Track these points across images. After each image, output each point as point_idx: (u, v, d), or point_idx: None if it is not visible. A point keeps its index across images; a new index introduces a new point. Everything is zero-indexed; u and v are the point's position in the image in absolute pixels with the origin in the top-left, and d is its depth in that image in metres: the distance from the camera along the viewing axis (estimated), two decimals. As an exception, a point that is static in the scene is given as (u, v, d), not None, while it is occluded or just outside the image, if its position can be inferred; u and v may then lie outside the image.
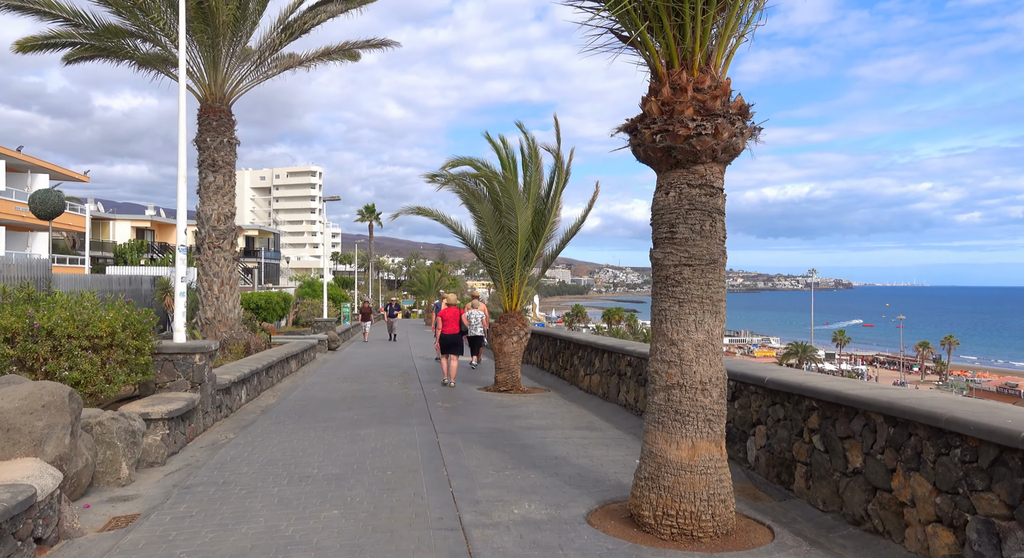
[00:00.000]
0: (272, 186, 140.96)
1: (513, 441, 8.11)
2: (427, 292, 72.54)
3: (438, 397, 11.90)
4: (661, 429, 5.08)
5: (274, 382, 13.82)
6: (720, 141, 4.99)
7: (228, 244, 15.99)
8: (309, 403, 11.26)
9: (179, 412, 7.58)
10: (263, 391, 12.69)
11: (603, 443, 8.06)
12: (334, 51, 17.05)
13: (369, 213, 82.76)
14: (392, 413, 10.13)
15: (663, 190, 5.22)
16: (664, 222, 5.18)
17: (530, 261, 13.13)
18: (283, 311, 30.74)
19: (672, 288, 5.11)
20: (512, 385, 12.85)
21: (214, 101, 15.71)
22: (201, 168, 15.83)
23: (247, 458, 7.21)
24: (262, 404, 11.24)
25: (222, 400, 9.79)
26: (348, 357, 21.21)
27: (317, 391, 12.84)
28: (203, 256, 15.86)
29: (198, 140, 15.79)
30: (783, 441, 5.98)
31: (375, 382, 14.27)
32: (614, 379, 10.81)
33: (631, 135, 5.36)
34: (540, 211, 13.03)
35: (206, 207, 15.83)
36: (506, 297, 13.22)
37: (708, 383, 5.02)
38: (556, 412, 10.34)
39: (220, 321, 15.74)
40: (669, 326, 5.10)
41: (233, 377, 10.24)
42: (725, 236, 5.19)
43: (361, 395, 12.19)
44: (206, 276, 15.80)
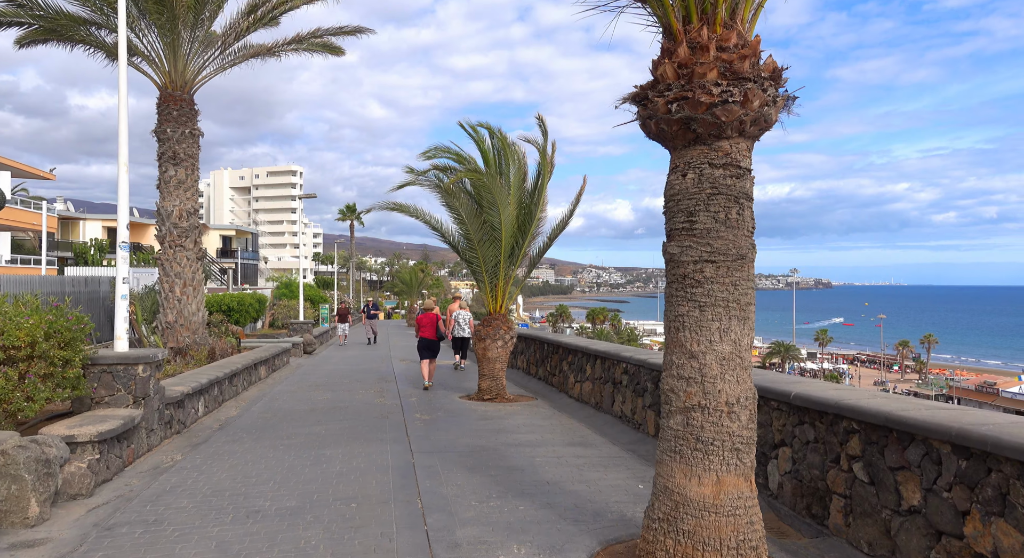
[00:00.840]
0: (252, 186, 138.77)
1: (498, 462, 7.19)
2: (409, 293, 71.40)
3: (416, 407, 10.95)
4: (679, 460, 4.20)
5: (239, 391, 12.78)
6: (749, 111, 4.12)
7: (191, 243, 14.90)
8: (274, 416, 10.26)
9: (114, 432, 6.57)
10: (225, 401, 11.65)
11: (600, 463, 7.17)
12: (305, 38, 16.02)
13: (350, 212, 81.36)
14: (364, 428, 9.17)
15: (679, 172, 4.34)
16: (680, 210, 4.30)
17: (515, 259, 12.22)
18: (257, 313, 29.55)
19: (691, 289, 4.23)
20: (497, 393, 11.93)
21: (175, 89, 14.62)
22: (161, 161, 14.74)
23: (190, 487, 6.22)
24: (222, 417, 10.22)
25: (173, 415, 8.77)
26: (324, 362, 20.17)
27: (285, 401, 11.82)
28: (164, 255, 14.77)
29: (157, 131, 14.69)
30: (814, 468, 5.12)
31: (349, 390, 13.28)
32: (608, 388, 9.93)
33: (640, 106, 4.47)
34: (526, 206, 12.13)
35: (167, 203, 14.73)
36: (490, 298, 12.31)
37: (736, 404, 4.15)
38: (545, 425, 9.44)
39: (183, 325, 14.65)
40: (688, 335, 4.22)
41: (187, 388, 9.22)
42: (754, 227, 4.32)
43: (332, 406, 11.21)
44: (167, 277, 14.71)
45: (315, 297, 40.82)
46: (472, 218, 11.55)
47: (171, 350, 14.47)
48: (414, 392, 12.91)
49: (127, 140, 7.96)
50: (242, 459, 7.30)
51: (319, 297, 41.80)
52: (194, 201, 14.99)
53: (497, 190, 11.30)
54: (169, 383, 9.40)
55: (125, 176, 7.96)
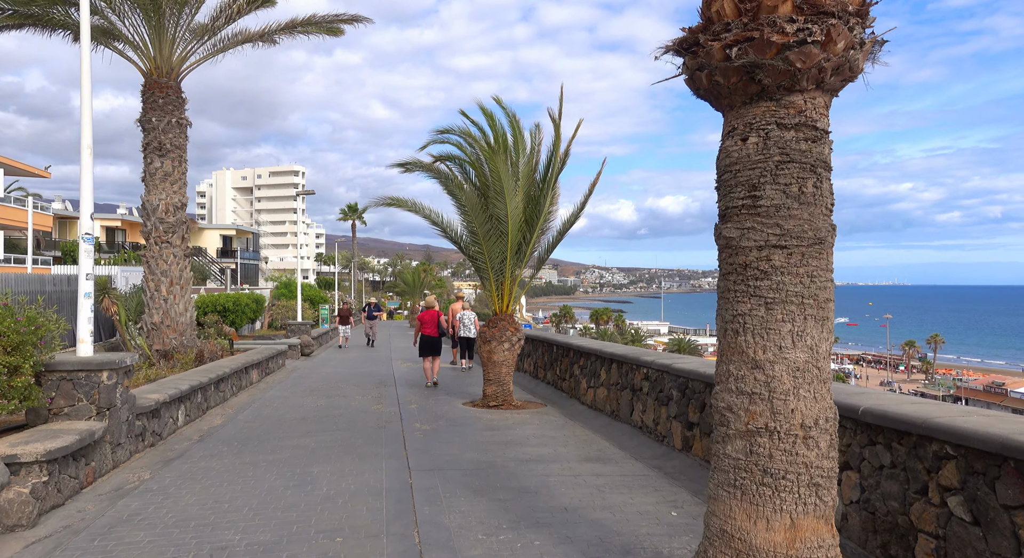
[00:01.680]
0: (254, 186, 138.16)
1: (507, 482, 6.33)
2: (412, 293, 70.56)
3: (416, 416, 10.09)
4: (741, 497, 3.33)
5: (227, 397, 11.94)
6: (831, 54, 3.25)
7: (178, 239, 14.07)
8: (261, 425, 9.40)
9: (67, 450, 5.73)
10: (211, 409, 10.81)
11: (623, 484, 6.31)
12: (300, 24, 15.17)
13: (352, 212, 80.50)
14: (359, 439, 8.31)
15: (737, 135, 3.47)
16: (740, 183, 3.43)
17: (523, 256, 11.36)
18: (255, 314, 28.71)
19: (755, 282, 3.36)
20: (503, 399, 11.07)
21: (160, 76, 13.79)
22: (146, 152, 13.91)
23: (151, 515, 5.37)
24: (204, 427, 9.37)
25: (146, 426, 7.92)
26: (321, 364, 19.32)
27: (275, 408, 10.97)
28: (149, 253, 13.94)
29: (142, 120, 13.87)
30: (892, 498, 4.25)
31: (345, 395, 12.42)
32: (626, 395, 9.06)
33: (687, 55, 3.61)
34: (534, 197, 11.26)
35: (152, 196, 13.90)
36: (496, 298, 11.44)
37: (813, 427, 3.28)
38: (557, 436, 8.56)
39: (169, 326, 13.82)
40: (750, 340, 3.35)
41: (163, 396, 8.37)
42: (833, 203, 3.45)
43: (326, 414, 10.35)
44: (152, 275, 13.88)
45: (315, 297, 40.00)
46: (476, 210, 10.69)
47: (157, 353, 13.64)
48: (414, 398, 12.06)
49: (91, 119, 7.11)
50: (217, 479, 6.45)
51: (319, 297, 40.97)
52: (181, 195, 14.16)
53: (504, 175, 10.42)
54: (143, 391, 8.56)
55: (89, 160, 7.11)
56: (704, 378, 6.80)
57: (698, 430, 6.96)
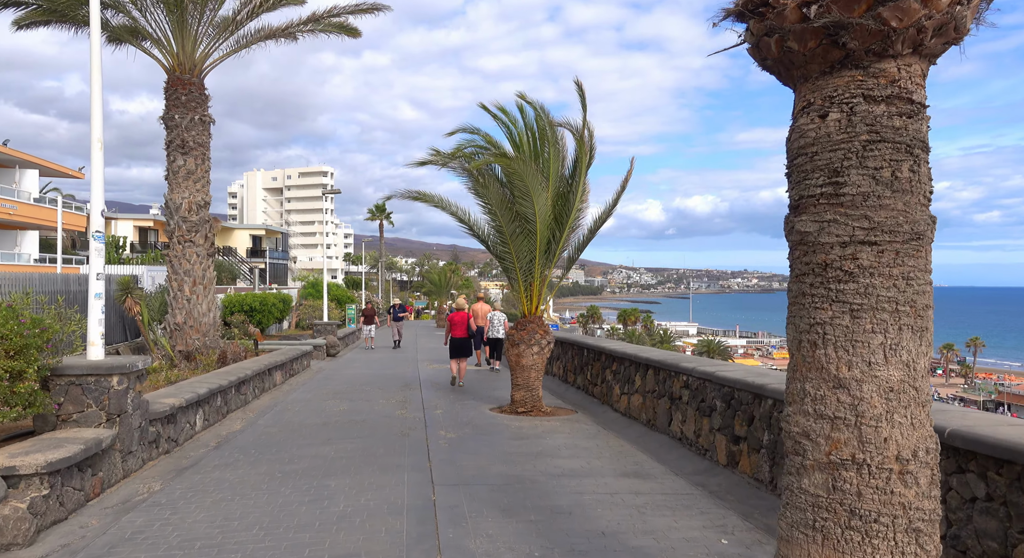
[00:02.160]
0: (284, 187, 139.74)
1: (539, 499, 5.84)
2: (439, 293, 70.46)
3: (441, 422, 9.65)
4: (822, 542, 2.79)
5: (248, 400, 11.65)
6: (933, 11, 2.70)
7: (201, 238, 13.85)
8: (280, 431, 9.05)
9: (71, 460, 5.39)
10: (231, 413, 10.51)
11: (664, 503, 5.77)
12: (322, 17, 14.85)
13: (380, 212, 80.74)
14: (381, 448, 7.89)
15: (814, 111, 2.93)
16: (818, 168, 2.90)
17: (551, 256, 10.85)
18: (282, 313, 28.66)
19: (838, 285, 2.82)
20: (532, 405, 10.58)
21: (183, 72, 13.58)
22: (169, 150, 13.72)
23: (155, 533, 4.99)
24: (223, 432, 9.05)
25: (160, 432, 7.60)
26: (346, 365, 19.04)
27: (296, 413, 10.63)
28: (172, 252, 13.74)
29: (165, 118, 13.68)
30: (989, 538, 3.67)
31: (369, 399, 12.05)
32: (663, 403, 8.50)
33: (753, 18, 3.08)
34: (563, 194, 10.75)
35: (175, 195, 13.70)
36: (524, 299, 10.95)
37: (911, 460, 2.74)
38: (590, 446, 8.05)
39: (192, 327, 13.61)
40: (832, 353, 2.82)
41: (179, 401, 8.05)
42: (932, 191, 2.90)
43: (348, 419, 9.98)
44: (175, 275, 13.68)
45: (342, 297, 39.97)
46: (503, 209, 10.22)
47: (179, 354, 13.43)
48: (440, 402, 11.63)
49: (101, 112, 6.80)
50: (229, 492, 6.07)
51: (346, 297, 40.94)
52: (205, 193, 13.95)
53: (530, 176, 9.94)
54: (159, 395, 8.26)
55: (99, 155, 6.79)
56: (752, 388, 6.24)
57: (745, 445, 6.40)
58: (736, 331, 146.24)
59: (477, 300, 17.34)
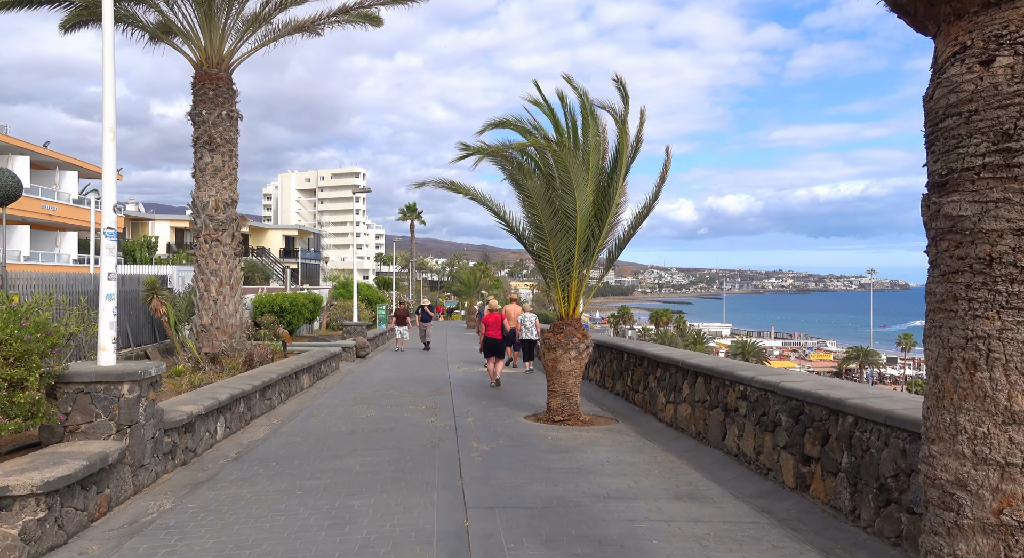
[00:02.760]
0: (317, 188, 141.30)
1: (584, 528, 5.18)
2: (469, 293, 70.21)
3: (473, 432, 9.05)
4: (990, 631, 2.09)
5: (274, 405, 11.21)
6: None
7: (228, 237, 13.49)
8: (304, 440, 8.55)
9: (72, 479, 4.91)
10: (255, 418, 10.06)
11: (729, 534, 5.07)
12: (351, 8, 14.39)
13: (411, 212, 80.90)
14: (408, 462, 7.32)
15: (972, 57, 2.23)
16: (978, 130, 2.19)
17: (591, 253, 10.18)
18: (312, 314, 28.44)
19: (1010, 286, 2.12)
20: (570, 414, 9.92)
21: (211, 67, 13.24)
22: (196, 146, 13.39)
23: (159, 563, 4.47)
24: (244, 441, 8.58)
25: (176, 442, 7.13)
26: (375, 368, 18.59)
27: (322, 419, 10.14)
28: (198, 251, 13.41)
29: (192, 113, 13.34)
30: None
31: (398, 405, 11.52)
32: (716, 415, 7.77)
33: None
34: (603, 189, 10.07)
35: (202, 193, 13.36)
36: (561, 300, 10.30)
37: (1118, 524, 2.02)
38: (637, 462, 7.36)
39: (218, 328, 13.25)
40: (1001, 378, 2.11)
41: (198, 408, 7.59)
42: None
43: (375, 427, 9.44)
44: (202, 275, 13.34)
45: (372, 297, 39.78)
46: (544, 203, 9.57)
47: (206, 356, 13.08)
48: (472, 408, 11.04)
49: (114, 99, 6.35)
50: (244, 513, 5.54)
51: (376, 297, 40.75)
52: (232, 191, 13.59)
53: (574, 167, 9.28)
54: (177, 401, 7.81)
55: (111, 145, 6.34)
56: (828, 403, 5.49)
57: (818, 466, 5.65)
58: (771, 332, 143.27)
59: (510, 301, 17.14)
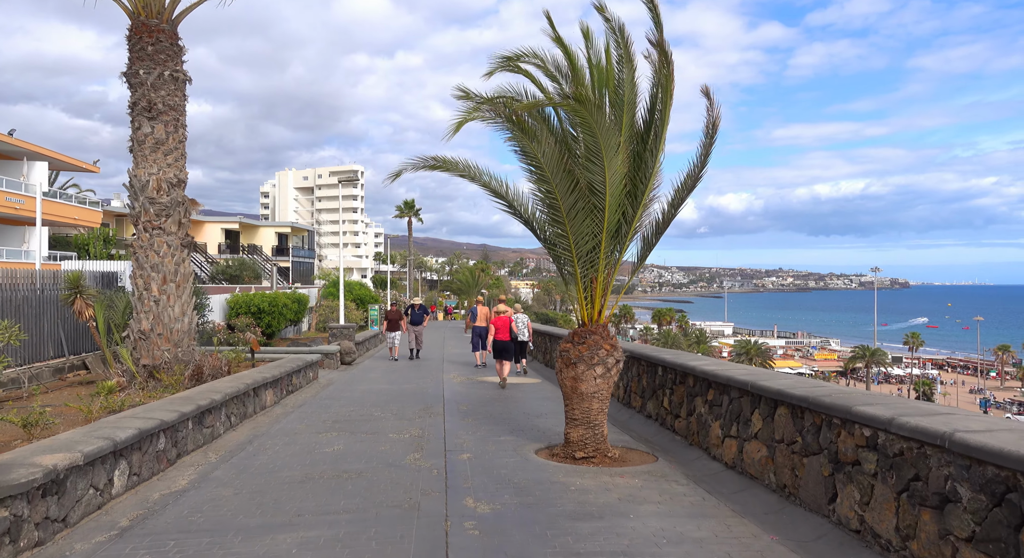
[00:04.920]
0: (315, 186, 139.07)
1: None
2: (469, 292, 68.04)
3: (470, 479, 6.71)
4: None
5: (218, 433, 8.87)
6: None
7: (174, 224, 11.16)
8: (237, 492, 6.22)
9: None
10: (186, 455, 7.73)
11: None
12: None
13: (408, 209, 78.64)
14: (371, 541, 4.98)
15: None
16: None
17: (623, 240, 7.85)
18: (296, 315, 26.12)
19: None
20: (595, 449, 7.60)
21: (150, 16, 10.89)
22: (133, 114, 11.04)
23: None
24: (154, 494, 6.25)
25: (26, 515, 4.79)
26: (360, 378, 16.24)
27: (274, 455, 7.81)
28: (136, 242, 11.07)
29: (127, 74, 10.99)
30: None
31: (376, 432, 9.20)
32: (817, 465, 5.42)
33: None
34: (638, 154, 7.74)
35: (140, 170, 11.02)
36: (582, 300, 7.96)
37: None
38: (706, 537, 5.03)
39: (161, 335, 10.91)
40: None
41: (71, 458, 5.25)
42: None
43: (339, 470, 7.11)
44: (141, 271, 11.00)
45: (365, 297, 37.44)
46: (560, 173, 7.24)
47: (144, 369, 10.75)
48: (468, 438, 8.72)
49: None
50: None
51: (370, 297, 38.41)
52: (178, 169, 11.25)
53: (603, 129, 6.95)
54: (42, 447, 5.47)
55: None
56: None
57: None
58: (774, 331, 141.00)
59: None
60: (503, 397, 12.71)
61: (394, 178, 7.87)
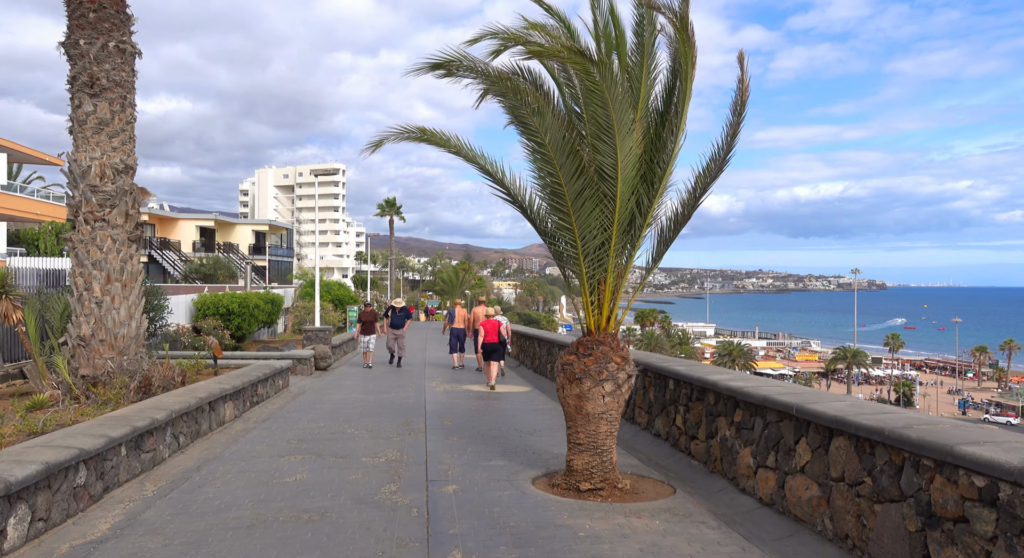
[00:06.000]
0: (296, 184, 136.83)
1: None
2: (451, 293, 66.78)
3: (456, 520, 5.54)
4: None
5: (162, 457, 7.60)
6: None
7: (120, 215, 9.85)
8: (167, 544, 4.99)
9: None
10: (115, 489, 6.47)
11: None
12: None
13: (390, 207, 77.11)
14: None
15: None
16: None
17: (636, 232, 6.72)
18: (270, 316, 24.73)
19: None
20: (603, 479, 6.47)
21: (91, -22, 9.58)
22: (73, 89, 9.73)
23: None
24: (61, 546, 4.99)
25: None
26: (335, 385, 14.97)
27: (222, 488, 6.57)
28: (75, 236, 9.75)
29: (66, 44, 9.67)
30: None
31: (347, 454, 7.98)
32: (897, 516, 4.32)
33: None
34: (655, 133, 6.62)
35: (81, 154, 9.70)
36: (589, 305, 6.81)
37: None
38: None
39: (103, 341, 9.60)
40: None
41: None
42: None
43: (297, 510, 5.89)
44: (81, 268, 9.68)
45: (344, 297, 36.05)
46: (565, 153, 6.09)
47: (83, 380, 9.43)
48: (454, 463, 7.53)
49: None
50: None
51: (348, 297, 37.02)
52: (125, 153, 9.94)
53: (616, 99, 5.82)
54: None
55: None
56: None
57: None
58: (755, 332, 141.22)
59: (478, 304, 18.33)
60: (491, 410, 11.55)
61: (374, 149, 6.70)
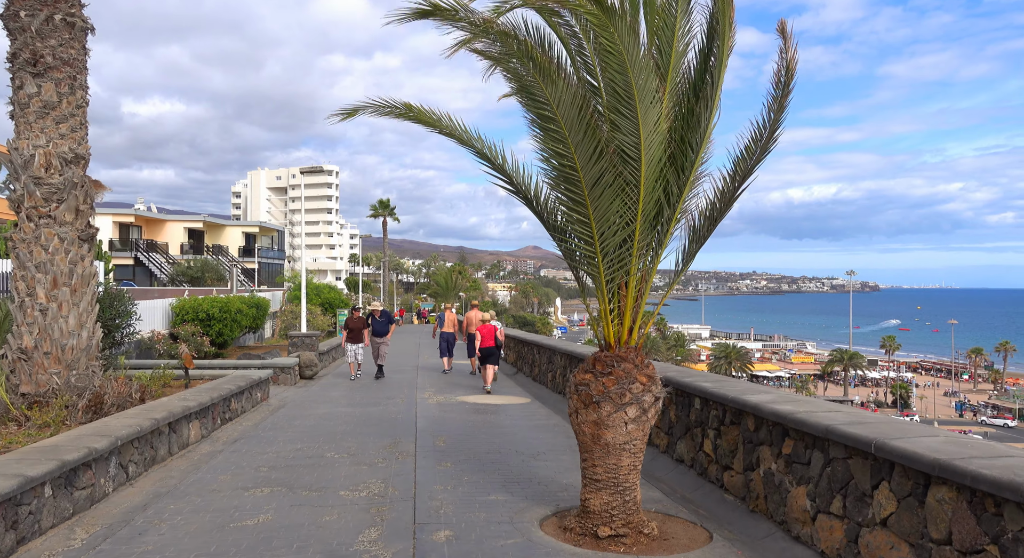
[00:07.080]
0: (288, 186, 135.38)
1: None
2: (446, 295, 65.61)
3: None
4: None
5: (103, 493, 6.45)
6: None
7: (69, 212, 8.70)
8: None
9: None
10: (45, 532, 5.33)
11: None
12: None
13: (383, 208, 75.95)
14: None
15: None
16: None
17: (665, 227, 5.63)
18: (255, 322, 23.54)
19: None
20: (625, 522, 5.37)
21: (33, -58, 8.44)
22: (14, 68, 8.58)
23: None
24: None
25: None
26: (319, 397, 13.80)
27: (166, 536, 5.43)
28: (18, 234, 8.59)
29: (5, 16, 8.53)
30: None
31: (323, 487, 6.86)
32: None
33: None
34: (688, 111, 5.53)
35: (23, 142, 8.55)
36: (607, 315, 5.71)
37: None
38: None
39: (50, 354, 8.45)
40: None
41: None
42: None
43: (254, 565, 4.77)
44: (23, 271, 8.53)
45: (334, 300, 34.86)
46: (581, 130, 5.00)
47: (23, 398, 8.27)
48: (447, 498, 6.41)
49: None
50: None
51: (339, 300, 35.83)
52: (74, 141, 8.79)
53: (637, 64, 4.74)
54: None
55: None
56: None
57: None
58: (751, 334, 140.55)
59: (472, 307, 18.17)
60: (489, 426, 10.45)
61: (346, 116, 5.65)
